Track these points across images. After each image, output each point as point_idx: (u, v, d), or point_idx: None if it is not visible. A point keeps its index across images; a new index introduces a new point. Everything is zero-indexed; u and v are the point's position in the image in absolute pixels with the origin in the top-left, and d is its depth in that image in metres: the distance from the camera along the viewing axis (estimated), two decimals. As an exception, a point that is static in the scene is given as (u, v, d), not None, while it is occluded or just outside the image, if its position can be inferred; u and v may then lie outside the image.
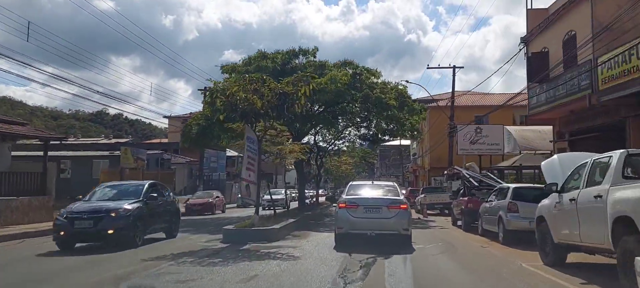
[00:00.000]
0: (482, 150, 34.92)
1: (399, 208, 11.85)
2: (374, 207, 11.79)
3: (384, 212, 11.71)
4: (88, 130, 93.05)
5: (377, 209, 11.75)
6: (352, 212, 11.77)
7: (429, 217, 26.07)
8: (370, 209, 11.75)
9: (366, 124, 31.78)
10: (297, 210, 22.66)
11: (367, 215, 11.69)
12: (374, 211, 11.71)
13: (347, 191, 13.23)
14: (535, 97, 20.67)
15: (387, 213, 11.70)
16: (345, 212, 11.87)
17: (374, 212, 11.70)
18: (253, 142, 14.26)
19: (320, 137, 34.55)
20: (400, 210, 11.85)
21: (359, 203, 11.88)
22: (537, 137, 33.62)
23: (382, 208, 11.75)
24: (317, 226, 18.83)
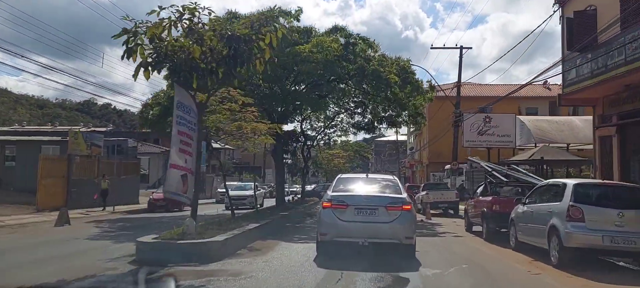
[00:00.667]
0: (491, 143, 30.39)
1: (401, 209, 8.92)
2: (368, 207, 8.92)
3: (381, 214, 8.85)
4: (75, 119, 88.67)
5: (373, 210, 8.89)
6: (340, 213, 8.90)
7: (433, 218, 21.45)
8: (364, 210, 8.89)
9: (361, 109, 27.21)
10: (271, 210, 17.94)
11: (359, 217, 8.85)
12: (368, 213, 8.88)
13: (334, 186, 9.92)
14: (574, 69, 15.99)
15: (385, 216, 8.84)
16: (331, 213, 8.97)
17: (367, 214, 8.87)
18: (188, 111, 9.52)
19: (308, 125, 29.95)
20: (403, 212, 8.91)
21: (349, 202, 8.96)
22: (555, 129, 29.14)
23: (379, 210, 8.87)
24: (292, 232, 14.12)
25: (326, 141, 31.10)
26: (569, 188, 9.29)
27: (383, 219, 8.79)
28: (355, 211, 8.85)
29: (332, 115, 28.79)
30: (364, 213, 8.84)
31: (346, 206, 8.89)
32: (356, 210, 8.85)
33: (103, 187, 23.89)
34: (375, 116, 26.01)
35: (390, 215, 8.78)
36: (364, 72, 18.05)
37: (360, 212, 8.85)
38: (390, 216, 8.78)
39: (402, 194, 9.44)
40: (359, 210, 8.86)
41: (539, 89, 48.89)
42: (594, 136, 17.23)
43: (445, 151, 44.41)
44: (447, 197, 24.41)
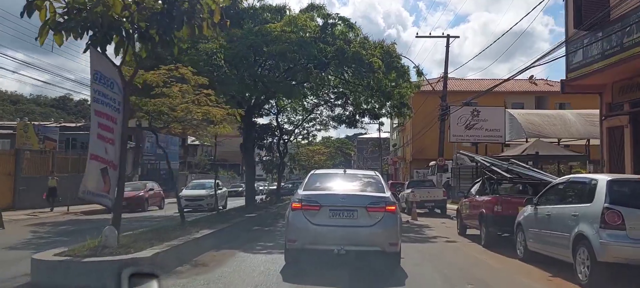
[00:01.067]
0: (480, 137, 28.56)
1: (384, 210, 7.54)
2: (345, 208, 7.55)
3: (361, 216, 7.51)
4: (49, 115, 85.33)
5: (350, 212, 7.53)
6: (312, 215, 7.51)
7: (419, 218, 19.37)
8: (340, 212, 7.53)
9: (342, 100, 25.05)
10: (237, 212, 15.63)
11: (335, 221, 7.50)
12: (346, 215, 7.52)
13: (305, 184, 8.46)
14: (581, 51, 14.00)
15: (366, 219, 7.50)
16: (301, 215, 7.54)
17: (345, 217, 7.52)
18: (110, 84, 7.14)
19: (285, 118, 27.69)
20: (386, 213, 7.53)
21: (323, 203, 7.59)
22: (546, 123, 27.37)
23: (358, 211, 7.53)
24: (256, 238, 11.80)
25: (305, 135, 28.85)
26: (602, 185, 7.18)
27: (363, 222, 7.42)
28: (330, 213, 7.46)
29: (310, 108, 26.62)
30: (341, 216, 7.47)
31: (319, 207, 7.48)
32: (331, 212, 7.46)
33: (51, 185, 21.27)
34: (357, 108, 23.90)
35: (372, 217, 7.42)
36: (344, 54, 15.83)
37: (336, 214, 7.47)
38: (371, 219, 7.42)
39: (385, 193, 7.97)
40: (335, 211, 7.47)
41: (525, 84, 47.34)
42: (601, 127, 15.27)
43: (429, 147, 42.67)
44: (434, 196, 22.38)
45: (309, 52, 15.47)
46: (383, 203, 7.57)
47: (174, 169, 40.40)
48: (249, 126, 18.49)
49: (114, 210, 7.43)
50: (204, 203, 20.66)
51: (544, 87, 46.85)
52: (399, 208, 8.31)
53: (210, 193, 18.68)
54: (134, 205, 24.32)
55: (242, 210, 16.57)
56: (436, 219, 20.21)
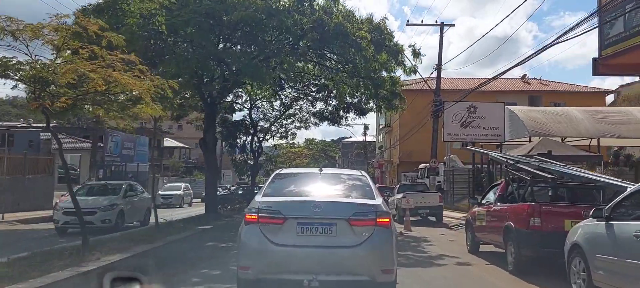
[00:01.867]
0: (477, 136, 25.44)
1: (374, 224, 5.30)
2: (320, 221, 5.24)
3: (342, 232, 5.24)
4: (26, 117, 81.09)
5: (328, 226, 5.24)
6: (273, 232, 5.23)
7: (412, 229, 16.19)
8: (313, 226, 5.24)
9: (324, 93, 21.86)
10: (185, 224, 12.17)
11: (306, 239, 5.22)
12: (321, 231, 5.24)
13: (266, 188, 6.10)
14: (621, 20, 10.93)
15: (349, 237, 5.24)
16: (258, 232, 5.27)
17: (319, 233, 5.23)
18: None
19: (260, 113, 24.39)
20: (378, 228, 5.30)
21: (288, 214, 5.28)
22: (550, 120, 24.37)
23: (338, 225, 5.24)
24: (197, 264, 8.28)
25: (283, 134, 25.55)
26: None
27: (345, 241, 5.32)
28: (298, 228, 5.34)
29: (288, 102, 23.36)
30: (314, 232, 5.33)
31: (283, 220, 5.34)
32: (300, 227, 5.34)
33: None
34: (341, 101, 20.70)
35: (357, 234, 5.34)
36: (324, 28, 12.55)
37: (307, 230, 5.33)
38: (356, 236, 5.33)
39: (376, 199, 5.75)
40: (305, 226, 5.33)
41: (518, 83, 44.84)
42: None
43: (418, 150, 39.72)
44: (429, 201, 19.21)
45: (281, 23, 12.16)
46: (373, 213, 5.39)
47: (142, 172, 37.02)
48: (211, 118, 15.13)
49: None
50: (105, 217, 12.95)
51: (538, 86, 44.37)
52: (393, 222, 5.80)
53: (112, 204, 13.25)
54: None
55: (196, 220, 13.14)
56: (433, 229, 17.05)
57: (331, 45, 13.63)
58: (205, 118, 15.13)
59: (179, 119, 22.03)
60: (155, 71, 11.85)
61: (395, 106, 18.19)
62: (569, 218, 7.49)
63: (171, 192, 33.37)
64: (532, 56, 43.20)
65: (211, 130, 14.87)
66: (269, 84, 14.47)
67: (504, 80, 43.78)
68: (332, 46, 13.82)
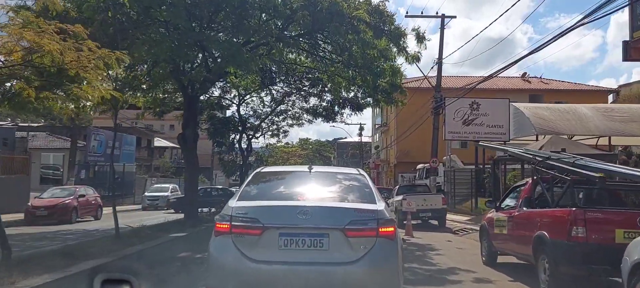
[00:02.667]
0: (480, 134, 23.86)
1: (376, 234, 4.29)
2: (308, 232, 4.24)
3: (336, 245, 4.24)
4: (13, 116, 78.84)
5: (318, 238, 4.25)
6: (249, 245, 4.23)
7: (414, 234, 14.62)
8: (299, 238, 4.24)
9: (318, 87, 20.29)
10: (155, 231, 10.50)
11: (290, 254, 4.22)
12: (309, 243, 4.25)
13: (243, 190, 4.88)
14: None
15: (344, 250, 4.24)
16: (231, 245, 4.28)
17: (307, 247, 4.25)
18: None
19: (249, 109, 22.79)
20: (381, 240, 4.30)
21: (268, 223, 4.24)
22: (558, 118, 22.91)
23: (331, 236, 4.26)
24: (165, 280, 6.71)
25: (274, 132, 23.92)
26: None
27: (339, 257, 4.24)
28: (280, 240, 4.23)
29: (279, 97, 21.76)
30: (300, 245, 4.23)
31: (261, 230, 4.23)
32: (283, 239, 4.23)
33: None
34: (336, 96, 19.12)
35: (354, 247, 4.25)
36: (317, 5, 10.93)
37: (292, 242, 4.23)
38: (353, 250, 4.25)
39: (377, 204, 4.63)
40: (290, 237, 4.23)
41: (518, 82, 43.44)
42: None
43: (415, 149, 38.28)
44: (432, 204, 17.64)
45: (267, 2, 10.54)
46: (374, 222, 4.39)
47: (128, 172, 35.27)
48: (191, 111, 13.49)
49: None
50: None
51: (539, 85, 42.98)
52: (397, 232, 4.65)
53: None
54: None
55: (171, 226, 11.47)
56: (437, 235, 15.49)
57: (324, 28, 12.00)
58: (185, 111, 13.51)
59: (162, 115, 20.34)
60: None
61: (395, 100, 16.59)
62: (622, 228, 5.93)
63: (158, 194, 31.57)
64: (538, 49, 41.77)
65: (191, 125, 13.22)
66: (255, 71, 12.82)
67: (503, 79, 42.43)
68: (325, 29, 12.18)
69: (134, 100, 18.88)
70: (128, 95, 18.12)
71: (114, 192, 10.66)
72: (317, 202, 4.60)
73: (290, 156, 40.64)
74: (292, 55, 17.81)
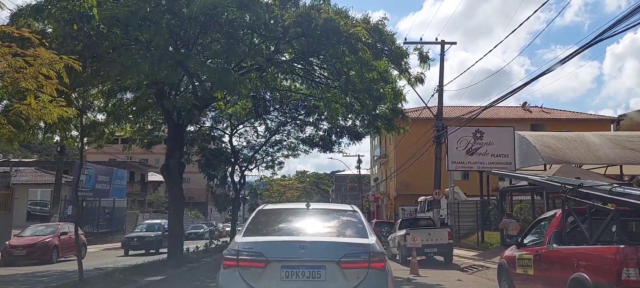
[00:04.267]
0: (485, 164, 22.79)
1: (367, 266, 4.81)
2: (307, 264, 4.78)
3: (332, 276, 4.77)
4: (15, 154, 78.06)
5: (316, 270, 4.76)
6: (255, 277, 4.79)
7: (420, 271, 13.33)
8: (299, 270, 4.77)
9: (314, 115, 19.33)
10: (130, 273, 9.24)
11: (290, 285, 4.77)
12: (308, 275, 4.75)
13: (247, 226, 5.45)
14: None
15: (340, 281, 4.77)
16: (238, 277, 4.81)
17: (306, 278, 4.75)
18: None
19: (243, 140, 21.75)
20: (372, 271, 4.81)
21: (271, 256, 4.82)
22: (566, 146, 21.96)
23: (327, 268, 4.78)
24: None
25: (269, 163, 22.81)
26: None
27: (334, 286, 4.74)
28: (282, 272, 4.74)
29: (274, 127, 20.74)
30: (299, 277, 4.73)
31: (265, 263, 4.77)
32: (284, 271, 4.74)
33: None
34: (333, 123, 18.11)
35: (348, 277, 4.75)
36: (310, 23, 9.99)
37: (292, 274, 4.73)
38: (347, 280, 4.75)
39: (369, 238, 5.07)
40: (290, 269, 4.74)
41: (518, 111, 42.72)
42: None
43: (416, 181, 37.20)
44: (437, 238, 16.40)
45: (257, 17, 9.60)
46: (365, 255, 4.80)
47: (119, 208, 33.89)
48: (176, 140, 12.40)
49: None
50: None
51: (540, 114, 42.24)
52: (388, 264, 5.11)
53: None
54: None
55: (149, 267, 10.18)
56: (444, 272, 14.23)
57: (320, 49, 11.04)
58: (169, 140, 12.42)
59: (150, 147, 19.25)
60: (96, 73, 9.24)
61: (397, 127, 15.56)
62: None
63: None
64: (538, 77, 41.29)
65: (176, 155, 12.09)
66: (244, 96, 11.80)
67: (504, 109, 41.75)
68: (321, 51, 11.23)
69: (121, 131, 17.88)
70: (113, 127, 17.20)
71: (77, 229, 9.15)
72: (315, 238, 5.05)
73: (286, 189, 39.34)
74: (286, 83, 16.92)
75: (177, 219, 12.20)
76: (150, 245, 21.16)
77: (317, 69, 14.40)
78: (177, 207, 12.32)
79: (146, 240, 21.68)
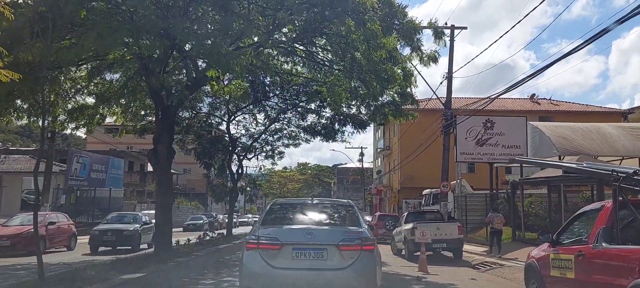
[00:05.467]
0: (495, 155, 21.68)
1: (360, 249, 6.03)
2: (312, 246, 5.98)
3: (332, 256, 5.98)
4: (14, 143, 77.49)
5: (319, 251, 5.98)
6: (271, 256, 5.97)
7: (429, 268, 12.16)
8: (306, 251, 5.98)
9: (316, 102, 18.17)
10: (106, 269, 8.11)
11: (300, 262, 5.97)
12: (313, 255, 5.98)
13: (263, 217, 6.72)
14: None
15: (338, 260, 5.97)
16: (258, 257, 6.00)
17: (311, 258, 5.99)
18: None
19: (241, 128, 20.62)
20: (363, 253, 6.05)
21: (284, 241, 6.01)
22: (581, 137, 20.69)
23: (328, 250, 5.97)
24: None
25: (269, 153, 21.65)
26: None
27: (334, 264, 5.95)
28: (293, 253, 5.97)
29: (274, 114, 19.59)
30: (307, 256, 5.97)
31: (280, 246, 5.97)
32: (295, 252, 5.97)
33: None
34: (336, 109, 16.95)
35: (345, 257, 5.97)
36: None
37: (301, 255, 5.97)
38: (344, 259, 5.96)
39: (361, 227, 6.36)
40: (299, 251, 5.98)
41: (526, 103, 41.44)
42: None
43: (420, 173, 36.13)
44: (446, 233, 15.23)
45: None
46: (358, 240, 6.07)
47: (115, 198, 32.81)
48: (165, 123, 11.25)
49: None
50: None
51: (548, 107, 40.96)
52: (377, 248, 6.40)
53: None
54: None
55: (131, 263, 9.04)
56: (455, 269, 13.09)
57: (323, 24, 9.85)
58: (158, 123, 11.28)
59: (143, 133, 18.15)
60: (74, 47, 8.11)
61: (405, 113, 14.36)
62: None
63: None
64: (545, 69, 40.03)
65: (164, 139, 10.92)
66: (239, 74, 10.58)
67: (511, 100, 40.46)
68: (324, 26, 10.04)
69: (111, 115, 16.77)
70: (102, 110, 16.06)
71: (35, 219, 7.93)
72: (319, 226, 6.32)
73: (287, 181, 38.12)
74: (287, 66, 15.77)
75: (164, 210, 11.04)
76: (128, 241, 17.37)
77: (320, 50, 13.25)
78: (165, 197, 11.16)
79: (124, 233, 17.65)
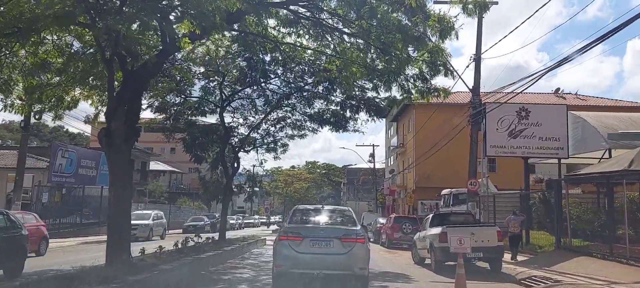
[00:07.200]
0: (531, 149, 18.65)
1: (355, 241, 8.98)
2: (323, 239, 8.97)
3: (336, 246, 8.89)
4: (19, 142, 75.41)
5: (327, 242, 8.92)
6: (296, 245, 8.90)
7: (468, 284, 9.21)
8: (319, 242, 8.93)
9: (324, 86, 15.33)
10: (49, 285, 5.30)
11: (315, 249, 8.89)
12: (323, 245, 8.91)
13: (290, 218, 9.91)
14: None
15: (340, 248, 8.89)
16: (287, 245, 8.94)
17: (323, 246, 8.90)
18: None
19: (239, 116, 17.83)
20: (357, 244, 8.97)
21: (304, 235, 9.00)
22: (632, 128, 17.79)
23: (334, 241, 8.91)
24: None
25: (270, 144, 18.77)
26: None
27: (338, 251, 8.85)
28: (310, 243, 8.84)
29: (275, 100, 16.75)
30: (319, 245, 8.85)
31: (302, 238, 8.86)
32: (311, 242, 8.85)
33: None
34: (348, 89, 14.09)
35: (345, 246, 8.86)
36: None
37: (316, 244, 8.86)
38: (344, 248, 8.85)
39: (356, 226, 9.48)
40: (315, 241, 8.86)
41: (550, 98, 38.28)
42: None
43: (437, 172, 33.21)
44: (483, 240, 12.23)
45: None
46: (354, 235, 9.00)
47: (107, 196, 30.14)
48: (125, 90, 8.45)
49: None
50: None
51: (574, 101, 37.65)
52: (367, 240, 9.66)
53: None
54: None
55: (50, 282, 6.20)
56: (497, 285, 10.14)
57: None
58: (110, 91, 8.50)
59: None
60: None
61: (429, 93, 11.40)
62: None
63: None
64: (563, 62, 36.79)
65: (120, 114, 8.14)
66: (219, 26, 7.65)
67: (534, 95, 37.40)
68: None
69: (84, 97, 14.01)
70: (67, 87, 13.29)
71: None
72: (327, 225, 9.49)
73: (295, 180, 35.24)
74: (290, 38, 12.95)
75: (120, 210, 8.19)
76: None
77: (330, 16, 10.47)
78: (122, 191, 8.31)
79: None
